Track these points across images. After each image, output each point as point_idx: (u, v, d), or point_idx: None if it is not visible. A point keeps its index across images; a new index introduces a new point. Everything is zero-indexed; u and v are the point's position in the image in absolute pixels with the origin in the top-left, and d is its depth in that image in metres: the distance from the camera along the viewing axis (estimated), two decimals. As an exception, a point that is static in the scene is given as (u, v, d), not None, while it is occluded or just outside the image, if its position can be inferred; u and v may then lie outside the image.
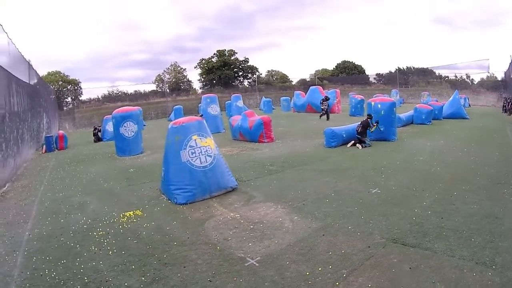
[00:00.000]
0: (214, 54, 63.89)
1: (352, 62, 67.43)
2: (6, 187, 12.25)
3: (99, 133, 25.65)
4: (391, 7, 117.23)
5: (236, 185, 9.90)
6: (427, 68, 55.90)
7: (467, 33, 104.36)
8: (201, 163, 9.26)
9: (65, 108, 46.83)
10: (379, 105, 16.43)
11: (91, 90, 72.56)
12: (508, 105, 28.01)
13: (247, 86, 63.80)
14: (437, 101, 31.74)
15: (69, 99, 52.56)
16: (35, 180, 13.27)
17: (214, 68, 61.97)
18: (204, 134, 9.72)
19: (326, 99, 28.00)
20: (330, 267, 5.17)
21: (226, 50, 63.99)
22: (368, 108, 17.08)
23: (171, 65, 64.96)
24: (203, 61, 63.88)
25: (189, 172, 9.13)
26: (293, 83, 68.87)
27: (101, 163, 15.84)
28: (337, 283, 4.73)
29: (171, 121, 35.95)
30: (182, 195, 8.95)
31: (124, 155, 17.04)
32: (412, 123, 21.89)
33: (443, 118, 24.01)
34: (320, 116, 27.67)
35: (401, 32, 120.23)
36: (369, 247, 5.78)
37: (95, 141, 25.07)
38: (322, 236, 6.34)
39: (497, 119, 24.76)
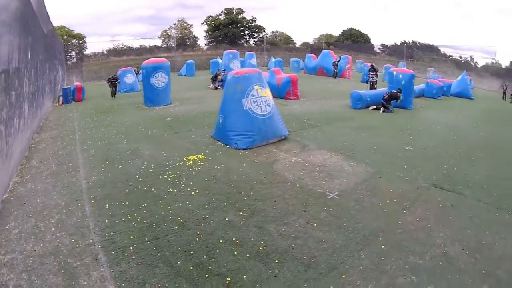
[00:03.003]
0: (222, 11, 63.11)
1: (358, 30, 67.07)
2: (33, 139, 11.84)
3: (117, 83, 22.80)
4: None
5: (288, 134, 10.86)
6: (432, 45, 56.54)
7: (476, 17, 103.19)
8: (261, 112, 10.08)
9: (68, 63, 45.03)
10: (400, 75, 17.53)
11: (94, 45, 70.28)
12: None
13: (253, 45, 63.12)
14: (442, 78, 32.62)
15: (73, 53, 51.21)
16: (63, 130, 13.06)
17: (221, 25, 61.20)
18: (263, 85, 10.49)
19: (374, 69, 23.94)
20: (395, 200, 6.65)
21: (234, 8, 63.38)
22: (389, 77, 18.26)
23: (178, 20, 64.30)
24: (210, 18, 63.18)
25: (250, 119, 9.92)
26: (297, 45, 68.68)
27: (131, 113, 15.81)
28: (404, 211, 6.23)
29: (182, 75, 35.73)
30: (243, 140, 9.75)
31: (153, 105, 17.23)
32: (423, 95, 22.87)
33: (450, 95, 25.08)
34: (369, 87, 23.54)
35: (408, 4, 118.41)
36: (417, 188, 7.29)
37: (113, 93, 22.30)
38: (379, 178, 7.75)
39: (503, 104, 26.17)
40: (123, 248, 5.04)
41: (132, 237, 5.31)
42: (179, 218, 5.80)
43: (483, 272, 4.68)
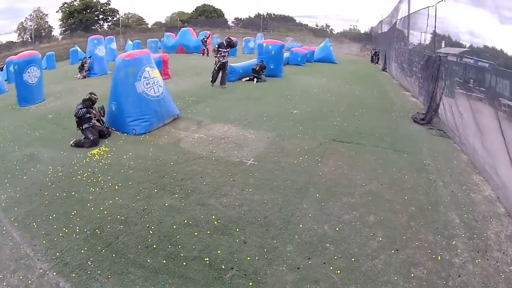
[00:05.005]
0: (76, -4, 59.86)
1: (211, 5, 68.29)
2: None
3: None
4: None
5: (180, 113, 10.72)
6: (287, 15, 59.85)
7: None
8: (154, 93, 9.89)
9: None
10: (270, 46, 18.49)
11: None
12: (374, 56, 32.64)
13: (107, 29, 60.45)
14: (301, 46, 34.98)
15: None
16: None
17: (76, 11, 57.69)
18: (153, 65, 10.33)
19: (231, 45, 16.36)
20: (306, 156, 7.40)
21: (89, -8, 60.31)
22: (259, 49, 19.09)
23: (34, 11, 59.55)
24: (65, 4, 59.16)
25: (145, 102, 9.60)
26: (149, 26, 68.06)
27: (8, 117, 13.40)
28: (319, 164, 7.01)
29: (43, 69, 33.26)
30: (140, 125, 9.45)
31: (27, 104, 15.24)
32: (287, 63, 24.19)
33: (314, 61, 27.25)
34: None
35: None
36: (320, 144, 8.16)
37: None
38: (283, 141, 8.42)
39: (366, 66, 28.83)
40: (81, 266, 4.41)
41: (82, 251, 4.66)
42: (118, 216, 5.38)
43: (406, 198, 5.72)
